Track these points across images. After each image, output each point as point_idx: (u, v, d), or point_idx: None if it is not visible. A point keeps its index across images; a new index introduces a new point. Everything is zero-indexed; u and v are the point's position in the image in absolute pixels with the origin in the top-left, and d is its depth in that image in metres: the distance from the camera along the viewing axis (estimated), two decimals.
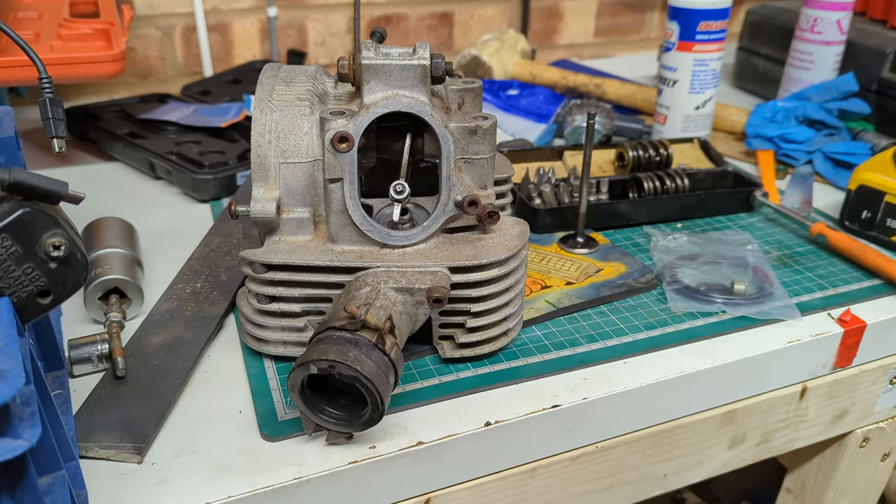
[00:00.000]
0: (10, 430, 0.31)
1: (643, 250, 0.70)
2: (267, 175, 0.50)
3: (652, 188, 0.75)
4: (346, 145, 0.48)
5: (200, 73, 1.12)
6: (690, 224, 0.75)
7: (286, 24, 1.16)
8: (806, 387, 0.61)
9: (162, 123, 0.90)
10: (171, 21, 1.10)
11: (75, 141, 0.91)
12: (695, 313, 0.61)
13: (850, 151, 0.83)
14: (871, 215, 0.71)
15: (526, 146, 0.88)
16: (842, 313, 0.61)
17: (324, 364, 0.43)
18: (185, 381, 0.52)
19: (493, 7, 1.28)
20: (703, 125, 0.90)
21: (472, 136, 0.50)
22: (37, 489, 0.34)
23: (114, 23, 0.81)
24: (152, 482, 0.45)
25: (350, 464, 0.46)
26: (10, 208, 0.36)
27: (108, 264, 0.58)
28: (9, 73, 0.71)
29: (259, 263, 0.50)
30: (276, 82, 0.52)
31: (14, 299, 0.37)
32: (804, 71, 0.98)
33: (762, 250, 0.68)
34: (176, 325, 0.57)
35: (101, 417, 0.48)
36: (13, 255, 0.36)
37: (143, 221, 0.69)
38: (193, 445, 0.47)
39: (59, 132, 0.45)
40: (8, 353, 0.32)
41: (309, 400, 0.45)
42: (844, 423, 0.67)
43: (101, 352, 0.52)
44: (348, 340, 0.44)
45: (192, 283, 0.63)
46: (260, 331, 0.53)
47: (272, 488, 0.44)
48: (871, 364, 0.64)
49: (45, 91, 0.45)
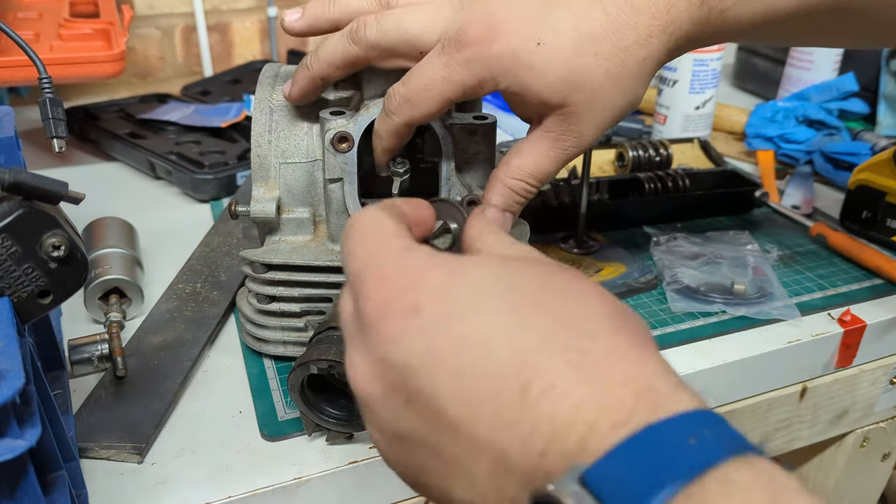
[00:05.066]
0: (10, 430, 0.31)
1: (643, 250, 0.70)
2: (267, 175, 0.50)
3: (652, 188, 0.75)
4: (346, 145, 0.48)
5: (200, 73, 1.12)
6: (690, 224, 0.75)
7: None
8: (806, 387, 0.61)
9: (162, 123, 0.90)
10: (171, 21, 1.10)
11: (75, 141, 0.91)
12: (695, 313, 0.61)
13: (850, 151, 0.83)
14: (870, 215, 0.71)
15: None
16: (842, 313, 0.61)
17: (324, 364, 0.43)
18: (185, 381, 0.52)
19: None
20: (703, 125, 0.90)
21: (472, 136, 0.50)
22: (37, 489, 0.34)
23: (114, 23, 0.81)
24: (152, 482, 0.45)
25: (350, 464, 0.46)
26: (10, 208, 0.36)
27: (108, 264, 0.58)
28: (9, 73, 0.71)
29: (259, 263, 0.50)
30: (276, 82, 0.52)
31: (14, 299, 0.37)
32: (804, 71, 0.98)
33: (762, 250, 0.68)
34: (176, 325, 0.57)
35: (101, 417, 0.48)
36: (13, 255, 0.36)
37: (143, 221, 0.69)
38: (193, 445, 0.47)
39: (59, 132, 0.45)
40: (8, 353, 0.32)
41: (309, 400, 0.45)
42: (844, 423, 0.67)
43: (101, 352, 0.52)
44: None
45: (192, 283, 0.62)
46: (260, 331, 0.53)
47: (272, 488, 0.44)
48: (871, 364, 0.64)
49: (45, 91, 0.45)
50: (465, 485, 0.26)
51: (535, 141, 0.45)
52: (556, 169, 0.46)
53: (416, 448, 0.28)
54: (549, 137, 0.44)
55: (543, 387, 0.23)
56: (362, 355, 0.29)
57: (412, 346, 0.26)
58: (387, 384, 0.28)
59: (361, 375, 0.29)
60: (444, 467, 0.27)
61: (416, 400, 0.26)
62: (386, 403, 0.28)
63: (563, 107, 0.42)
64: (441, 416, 0.26)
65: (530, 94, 0.42)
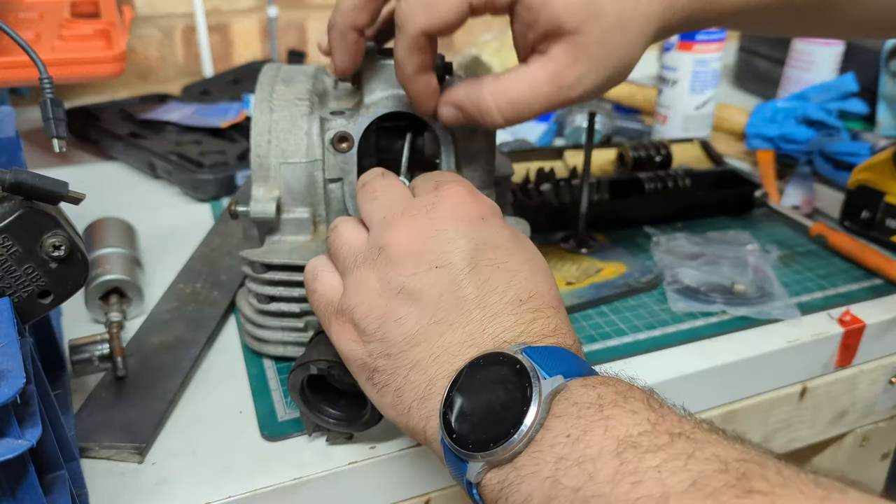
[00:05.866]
0: (10, 430, 0.31)
1: (643, 250, 0.70)
2: (267, 175, 0.50)
3: (652, 188, 0.75)
4: (346, 145, 0.48)
5: (200, 74, 1.12)
6: (690, 224, 0.75)
7: (286, 24, 1.16)
8: (806, 387, 0.61)
9: (162, 123, 0.90)
10: (172, 21, 1.10)
11: (75, 141, 0.91)
12: (695, 313, 0.61)
13: (850, 151, 0.83)
14: (870, 215, 0.71)
15: (526, 146, 0.88)
16: (842, 313, 0.61)
17: (323, 364, 0.43)
18: (186, 381, 0.52)
19: None
20: (703, 125, 0.90)
21: (472, 136, 0.50)
22: (37, 489, 0.34)
23: (114, 23, 0.81)
24: (152, 482, 0.45)
25: (350, 464, 0.46)
26: (11, 208, 0.36)
27: (108, 264, 0.58)
28: (10, 73, 0.71)
29: (259, 263, 0.50)
30: (276, 82, 0.52)
31: (14, 299, 0.37)
32: (804, 71, 0.98)
33: (762, 250, 0.68)
34: (176, 325, 0.57)
35: (101, 417, 0.48)
36: (14, 255, 0.36)
37: (143, 221, 0.69)
38: (193, 445, 0.47)
39: (60, 132, 0.44)
40: (8, 353, 0.32)
41: (309, 400, 0.45)
42: (844, 423, 0.67)
43: (102, 352, 0.52)
44: None
45: (192, 283, 0.63)
46: (260, 331, 0.53)
47: (272, 488, 0.45)
48: (871, 364, 0.64)
49: (45, 91, 0.45)
50: (428, 345, 0.37)
51: (532, 69, 0.42)
52: (537, 111, 0.43)
53: (419, 303, 0.37)
54: (549, 69, 0.42)
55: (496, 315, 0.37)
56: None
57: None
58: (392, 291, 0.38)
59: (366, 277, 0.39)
60: (436, 325, 0.37)
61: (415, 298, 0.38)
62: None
63: (575, 34, 0.41)
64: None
65: (547, 11, 0.40)
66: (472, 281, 0.37)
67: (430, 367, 0.36)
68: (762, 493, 0.26)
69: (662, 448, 0.29)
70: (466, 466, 0.33)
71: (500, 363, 0.33)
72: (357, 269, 0.40)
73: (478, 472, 0.32)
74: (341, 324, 0.40)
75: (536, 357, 0.33)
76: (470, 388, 0.34)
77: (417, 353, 0.37)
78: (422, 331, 0.37)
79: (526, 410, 0.31)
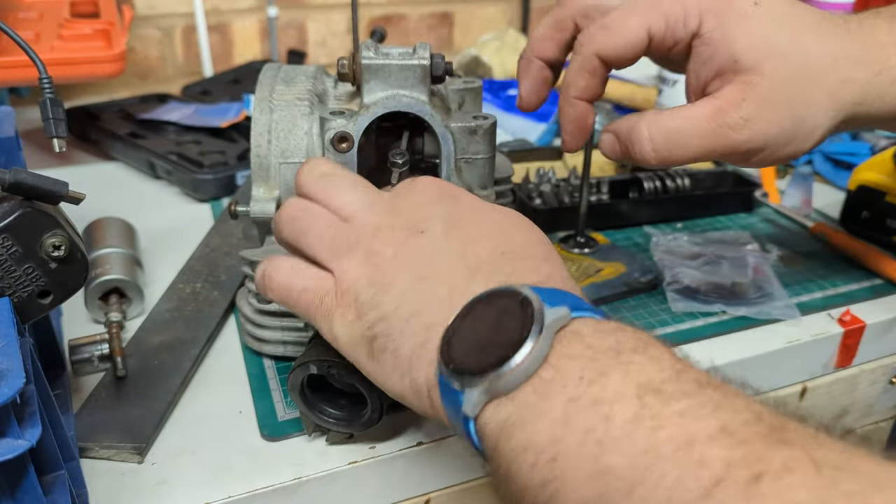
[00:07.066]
0: (10, 430, 0.31)
1: (643, 250, 0.70)
2: (267, 175, 0.50)
3: (652, 188, 0.75)
4: (346, 145, 0.48)
5: (200, 73, 1.12)
6: (690, 224, 0.75)
7: (286, 24, 1.16)
8: (806, 387, 0.61)
9: (162, 123, 0.90)
10: (172, 21, 1.10)
11: (75, 141, 0.91)
12: (695, 313, 0.61)
13: (850, 151, 0.83)
14: (871, 215, 0.71)
15: (526, 146, 0.88)
16: (842, 313, 0.61)
17: (323, 364, 0.43)
18: (186, 381, 0.52)
19: (493, 7, 1.28)
20: None
21: (472, 136, 0.50)
22: (37, 489, 0.34)
23: (114, 23, 0.81)
24: (152, 482, 0.45)
25: (350, 464, 0.46)
26: (11, 208, 0.36)
27: (108, 264, 0.58)
28: (9, 73, 0.71)
29: (259, 263, 0.50)
30: (276, 82, 0.52)
31: (14, 299, 0.37)
32: None
33: (762, 250, 0.68)
34: (176, 325, 0.57)
35: (101, 417, 0.48)
36: (14, 255, 0.36)
37: (143, 221, 0.69)
38: (193, 445, 0.47)
39: (60, 132, 0.45)
40: (8, 353, 0.32)
41: (309, 400, 0.45)
42: (844, 423, 0.67)
43: (102, 352, 0.52)
44: None
45: (192, 283, 0.63)
46: (260, 331, 0.53)
47: (272, 488, 0.45)
48: (871, 364, 0.64)
49: (45, 91, 0.45)
50: (438, 279, 0.36)
51: (696, 104, 0.41)
52: (693, 149, 0.41)
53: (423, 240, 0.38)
54: (713, 105, 0.40)
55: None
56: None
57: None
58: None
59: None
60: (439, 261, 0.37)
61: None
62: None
63: (750, 73, 0.39)
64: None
65: (726, 44, 0.39)
66: (457, 237, 0.38)
67: (426, 314, 0.36)
68: (799, 445, 0.24)
69: (688, 395, 0.27)
70: (462, 397, 0.31)
71: (503, 296, 0.32)
72: (351, 250, 0.39)
73: (475, 404, 0.31)
74: (343, 308, 0.39)
75: (539, 292, 0.32)
76: (471, 319, 0.33)
77: (412, 306, 0.36)
78: (411, 287, 0.37)
79: (527, 335, 0.30)
